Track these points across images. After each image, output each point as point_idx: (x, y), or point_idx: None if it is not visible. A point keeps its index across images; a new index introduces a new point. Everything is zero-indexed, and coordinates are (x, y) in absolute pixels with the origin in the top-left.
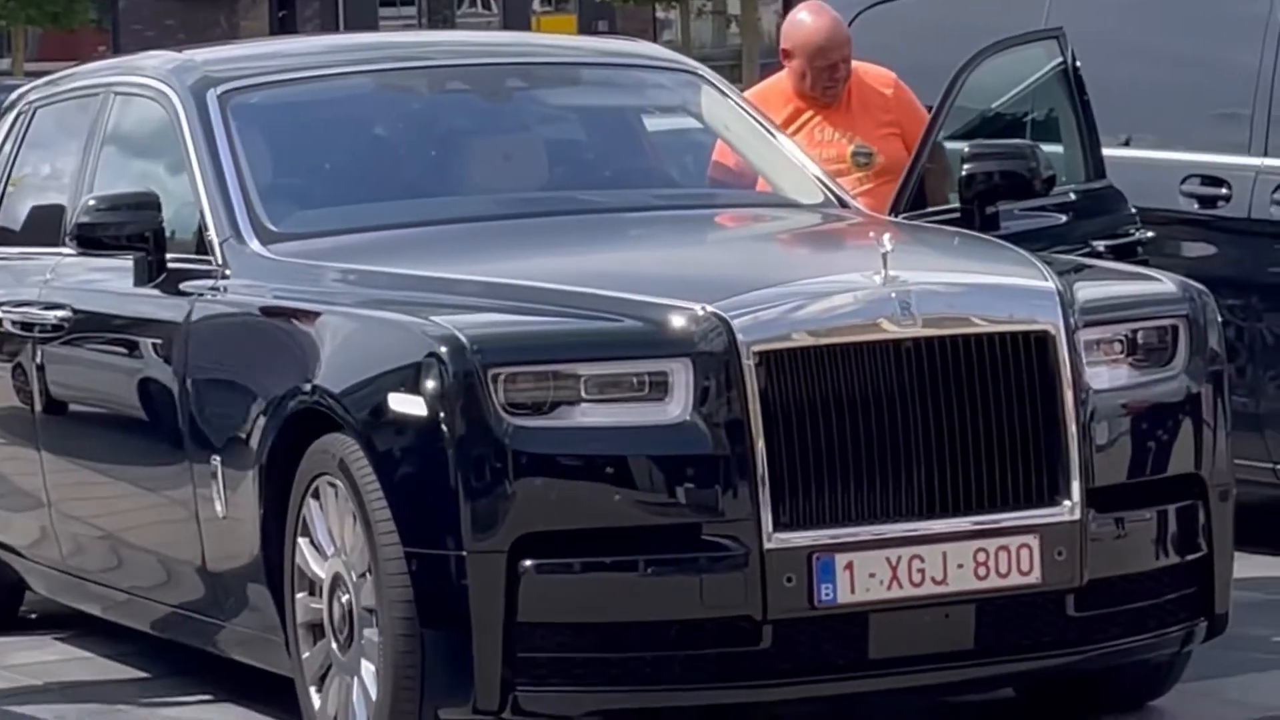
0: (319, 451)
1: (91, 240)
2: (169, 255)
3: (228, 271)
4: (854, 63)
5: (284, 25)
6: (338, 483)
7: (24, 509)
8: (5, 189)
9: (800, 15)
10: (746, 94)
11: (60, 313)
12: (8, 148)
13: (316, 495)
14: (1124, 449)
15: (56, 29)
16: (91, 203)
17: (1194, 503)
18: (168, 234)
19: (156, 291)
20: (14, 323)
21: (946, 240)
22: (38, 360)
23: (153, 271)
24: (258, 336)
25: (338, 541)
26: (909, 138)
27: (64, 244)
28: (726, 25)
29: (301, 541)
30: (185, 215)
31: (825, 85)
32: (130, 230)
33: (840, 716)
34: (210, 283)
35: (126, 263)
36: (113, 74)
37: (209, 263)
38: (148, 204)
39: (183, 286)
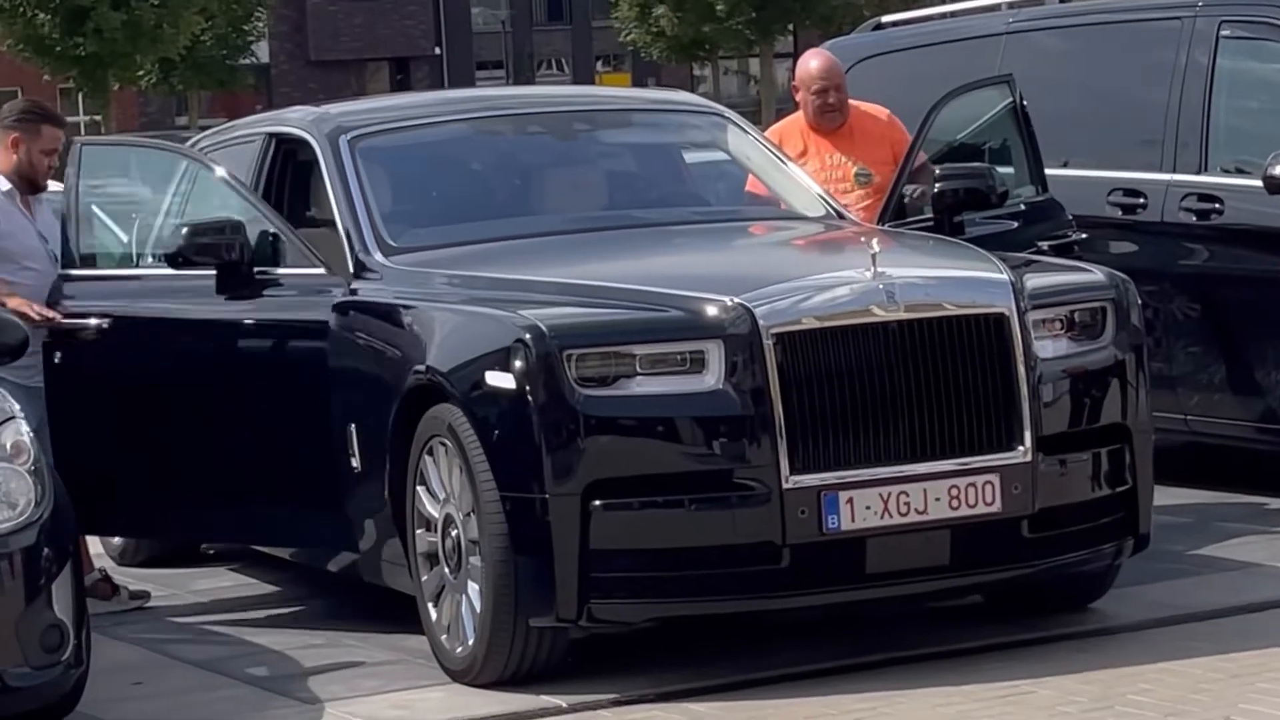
0: (432, 418)
1: (180, 259)
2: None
3: (359, 278)
4: (856, 102)
5: (400, 86)
6: (447, 442)
7: None
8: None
9: (804, 57)
10: (772, 126)
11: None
12: (183, 186)
13: (431, 452)
14: (1065, 405)
15: (223, 92)
16: (183, 229)
17: (1121, 446)
18: (303, 250)
19: (303, 295)
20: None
21: (923, 243)
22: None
23: (239, 282)
24: (383, 328)
25: (448, 488)
26: (900, 161)
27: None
28: (748, 81)
29: (419, 489)
30: (323, 237)
31: (819, 109)
32: (217, 249)
33: (845, 620)
34: (343, 287)
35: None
36: (267, 125)
37: (320, 274)
38: (232, 228)
39: (322, 291)
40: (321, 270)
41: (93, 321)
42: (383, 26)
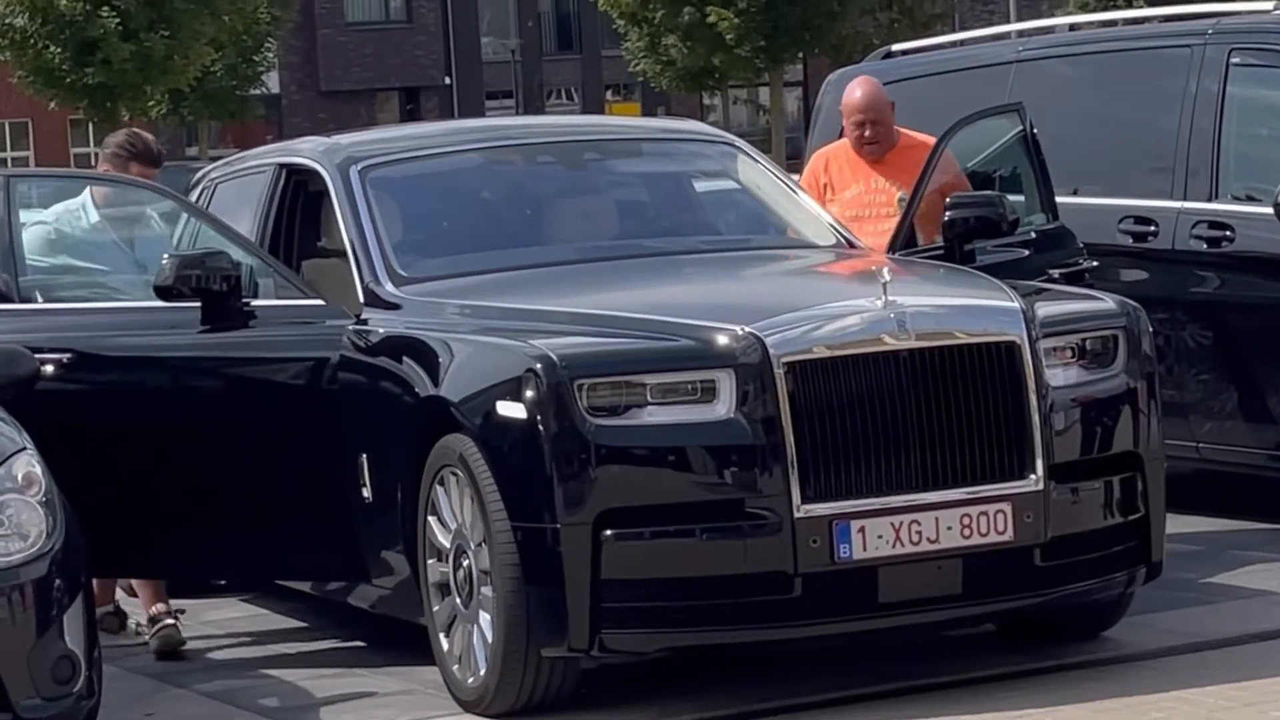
0: (443, 447)
1: (170, 291)
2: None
3: (370, 308)
4: (903, 130)
5: (410, 116)
6: (459, 472)
7: None
8: None
9: (851, 85)
10: (819, 150)
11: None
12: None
13: (442, 482)
14: (1077, 433)
15: (233, 122)
16: (169, 260)
17: (1133, 474)
18: (289, 281)
19: (305, 327)
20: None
21: (933, 271)
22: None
23: (228, 314)
24: (394, 358)
25: (459, 518)
26: (943, 189)
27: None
28: (758, 111)
29: (431, 519)
30: (333, 267)
31: (858, 140)
32: (203, 280)
33: (857, 649)
34: (349, 318)
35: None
36: (278, 155)
37: (318, 305)
38: (220, 259)
39: (332, 322)
40: (318, 301)
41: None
42: (392, 56)
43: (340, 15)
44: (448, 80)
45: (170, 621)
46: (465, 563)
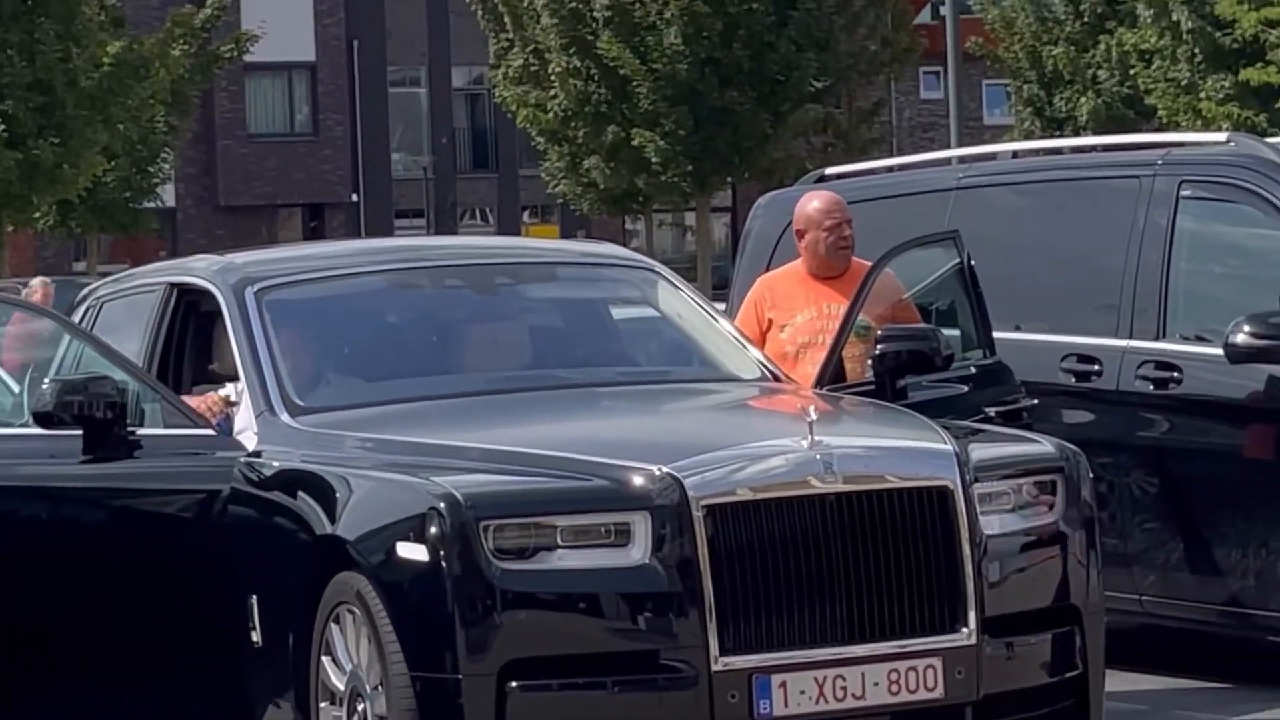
0: (340, 584)
1: (50, 418)
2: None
3: (263, 440)
4: (856, 259)
5: (314, 234)
6: (355, 610)
7: None
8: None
9: (803, 200)
10: (763, 276)
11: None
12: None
13: (338, 620)
14: (1012, 584)
15: (125, 236)
16: (47, 386)
17: (1071, 628)
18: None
19: (191, 457)
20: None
21: (863, 409)
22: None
23: (112, 443)
24: (288, 493)
25: (355, 659)
26: (897, 315)
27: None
28: (684, 234)
29: (325, 659)
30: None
31: (833, 246)
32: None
33: None
34: (247, 450)
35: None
36: (170, 274)
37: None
38: (105, 385)
39: (223, 453)
40: (208, 430)
41: None
42: (297, 171)
43: (242, 125)
44: (355, 197)
45: None
46: (361, 707)
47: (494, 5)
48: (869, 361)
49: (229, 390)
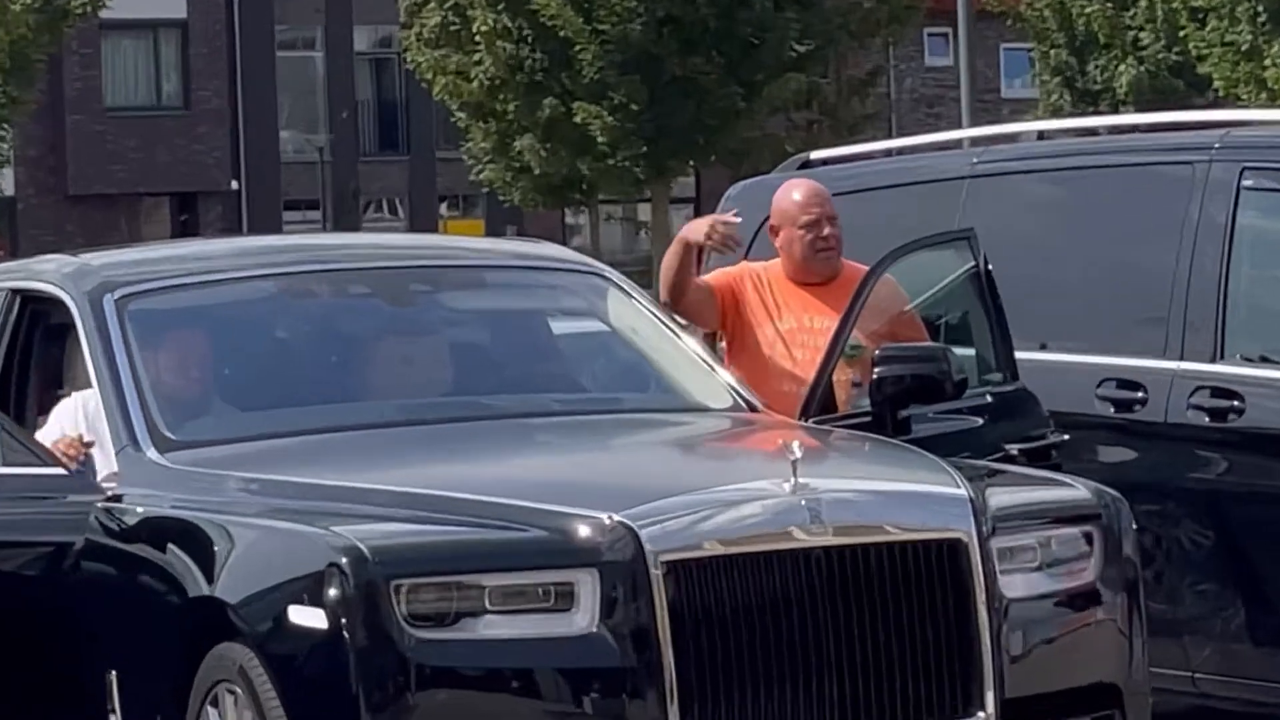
0: (218, 658)
1: None
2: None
3: (125, 481)
4: (848, 262)
5: (185, 229)
6: (237, 689)
7: None
8: None
9: (781, 191)
10: (747, 263)
11: None
12: None
13: (215, 703)
14: (1038, 659)
15: None
16: None
17: (1110, 713)
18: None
19: (49, 504)
20: None
21: (857, 446)
22: None
23: None
24: (155, 546)
25: None
26: (898, 331)
27: None
28: (636, 231)
29: None
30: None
31: (811, 247)
32: None
33: None
34: (106, 493)
35: None
36: (11, 278)
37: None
38: None
39: (76, 498)
40: (58, 470)
41: None
42: (164, 153)
43: (97, 97)
44: (235, 184)
45: None
46: None
47: None
48: (853, 390)
49: (78, 416)
